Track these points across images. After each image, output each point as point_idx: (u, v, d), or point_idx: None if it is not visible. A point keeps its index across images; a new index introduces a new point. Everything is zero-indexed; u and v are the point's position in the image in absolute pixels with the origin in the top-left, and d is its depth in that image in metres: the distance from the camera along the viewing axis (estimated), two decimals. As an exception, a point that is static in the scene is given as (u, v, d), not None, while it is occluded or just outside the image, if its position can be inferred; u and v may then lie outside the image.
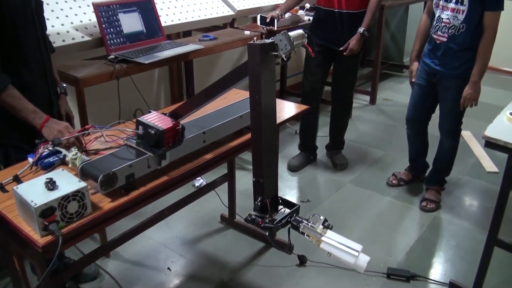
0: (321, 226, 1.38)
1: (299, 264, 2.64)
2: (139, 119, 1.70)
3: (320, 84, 3.48)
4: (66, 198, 1.42)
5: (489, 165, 3.72)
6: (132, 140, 1.73)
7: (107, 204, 1.55)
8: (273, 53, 1.38)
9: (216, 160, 1.93)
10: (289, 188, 3.47)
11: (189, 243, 2.84)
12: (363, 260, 1.34)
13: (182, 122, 1.73)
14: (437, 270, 2.61)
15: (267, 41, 1.37)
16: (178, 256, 2.72)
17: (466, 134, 4.17)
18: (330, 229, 1.41)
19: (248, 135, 2.05)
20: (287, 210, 1.49)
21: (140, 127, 1.69)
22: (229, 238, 2.89)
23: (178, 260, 2.68)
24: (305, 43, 1.44)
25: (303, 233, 1.40)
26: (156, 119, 1.69)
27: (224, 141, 1.98)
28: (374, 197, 3.32)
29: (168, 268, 2.62)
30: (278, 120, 2.18)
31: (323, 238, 1.35)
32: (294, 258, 2.66)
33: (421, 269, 2.60)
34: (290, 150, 3.92)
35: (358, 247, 1.32)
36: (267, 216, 1.46)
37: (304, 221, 1.40)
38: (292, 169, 3.67)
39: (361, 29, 3.24)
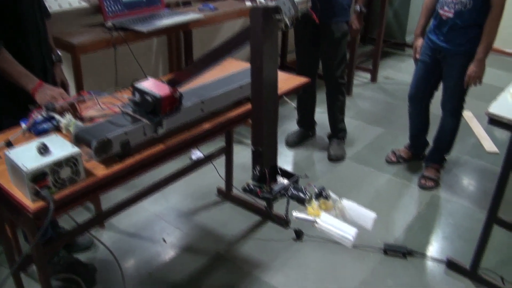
0: (315, 204, 1.35)
1: (296, 238, 2.62)
2: (135, 85, 1.65)
3: (313, 58, 3.39)
4: (58, 163, 1.38)
5: (489, 145, 3.68)
6: (128, 107, 1.68)
7: (101, 171, 1.51)
8: (277, 16, 1.32)
9: (214, 130, 1.89)
10: (286, 163, 3.44)
11: (185, 215, 2.81)
12: (370, 217, 1.32)
13: (180, 90, 1.68)
14: (434, 247, 2.60)
15: (270, 4, 1.31)
16: (173, 228, 2.70)
17: (467, 114, 4.12)
18: (328, 199, 1.39)
19: (248, 106, 2.00)
20: (286, 181, 1.45)
21: (137, 93, 1.64)
22: (226, 211, 2.87)
23: (173, 232, 2.66)
24: (310, 7, 1.38)
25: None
26: (154, 86, 1.64)
27: (223, 112, 1.94)
28: (372, 174, 3.30)
29: (164, 240, 2.60)
30: (279, 91, 2.14)
31: (317, 224, 1.32)
32: (290, 232, 2.65)
33: (418, 245, 2.58)
34: (288, 125, 3.88)
35: (353, 231, 1.28)
36: (266, 186, 1.43)
37: (300, 193, 1.36)
38: (290, 144, 3.64)
39: (358, 7, 3.26)
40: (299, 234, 2.62)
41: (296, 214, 1.33)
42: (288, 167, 3.34)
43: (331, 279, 2.37)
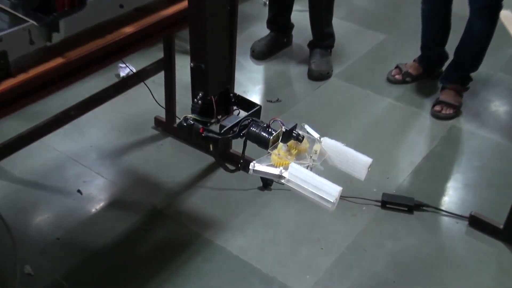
0: (283, 149, 1.32)
1: (263, 187, 2.60)
2: (15, -34, 1.48)
3: None
4: None
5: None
6: (5, 1, 1.53)
7: (-36, 97, 1.41)
8: None
9: (142, 36, 1.80)
10: (252, 83, 3.41)
11: (109, 156, 2.77)
12: (363, 164, 1.32)
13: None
14: (453, 199, 2.61)
15: None
16: (93, 174, 2.66)
17: (504, 14, 4.03)
18: (301, 141, 1.36)
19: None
20: (243, 113, 1.38)
21: (18, -21, 1.48)
22: (167, 150, 2.84)
23: (93, 180, 2.63)
24: None
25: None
26: (43, -32, 1.48)
27: (154, 8, 1.84)
28: (368, 97, 3.28)
29: (79, 191, 2.55)
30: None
31: (285, 180, 1.27)
32: (256, 180, 2.61)
33: (430, 196, 2.58)
34: (255, 28, 3.82)
35: (335, 190, 1.23)
36: (213, 121, 1.37)
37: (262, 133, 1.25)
38: (257, 55, 3.58)
39: None
40: (267, 182, 2.59)
41: (253, 166, 1.23)
42: (254, 89, 3.39)
43: (310, 243, 2.36)
